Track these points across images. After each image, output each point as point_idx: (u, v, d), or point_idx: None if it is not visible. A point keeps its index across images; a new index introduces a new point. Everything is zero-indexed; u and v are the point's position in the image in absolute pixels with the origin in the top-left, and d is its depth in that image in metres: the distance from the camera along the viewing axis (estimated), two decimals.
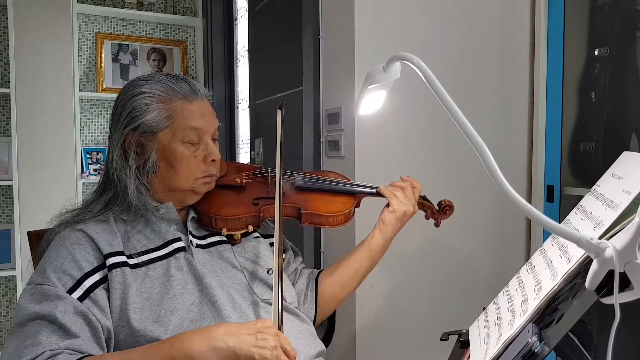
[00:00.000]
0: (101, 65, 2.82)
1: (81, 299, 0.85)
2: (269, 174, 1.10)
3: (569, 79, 1.57)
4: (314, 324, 1.08)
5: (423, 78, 0.63)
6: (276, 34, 2.16)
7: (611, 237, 0.65)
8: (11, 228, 2.63)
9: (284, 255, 0.98)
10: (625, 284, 0.54)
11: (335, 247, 1.57)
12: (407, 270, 1.52)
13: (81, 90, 2.75)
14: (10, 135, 2.52)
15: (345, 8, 1.46)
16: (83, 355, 0.79)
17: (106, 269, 0.89)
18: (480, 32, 1.60)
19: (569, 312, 0.65)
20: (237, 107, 2.80)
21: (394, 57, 0.70)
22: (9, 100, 2.51)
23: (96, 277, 0.88)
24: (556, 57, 1.58)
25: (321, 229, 1.60)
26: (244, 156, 2.74)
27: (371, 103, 0.88)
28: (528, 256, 1.62)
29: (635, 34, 1.41)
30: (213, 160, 0.99)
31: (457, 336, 0.93)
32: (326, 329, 1.14)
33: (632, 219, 0.53)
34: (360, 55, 1.43)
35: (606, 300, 0.56)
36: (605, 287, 0.56)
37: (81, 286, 0.86)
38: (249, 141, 2.53)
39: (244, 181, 1.07)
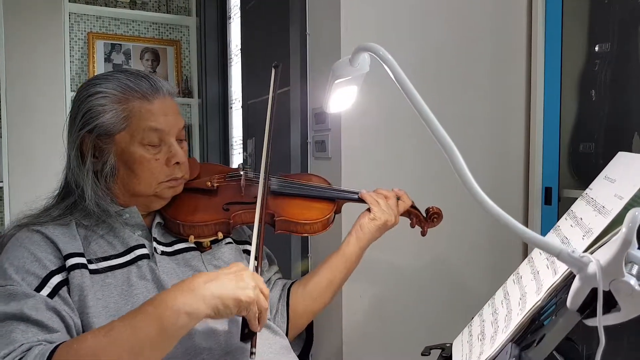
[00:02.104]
0: (93, 66, 2.78)
1: (50, 296, 0.79)
2: (242, 176, 1.03)
3: (567, 76, 1.50)
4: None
5: (388, 70, 0.57)
6: (265, 32, 2.10)
7: (600, 248, 0.58)
8: (2, 230, 2.59)
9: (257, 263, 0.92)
10: (611, 304, 0.47)
11: (323, 252, 1.50)
12: (396, 280, 1.45)
13: (73, 91, 2.71)
14: (1, 137, 2.49)
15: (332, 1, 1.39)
16: (61, 342, 0.73)
17: (66, 271, 0.83)
18: (473, 26, 1.53)
19: (552, 332, 0.58)
20: (231, 107, 2.75)
21: (359, 48, 0.63)
22: None
23: (60, 277, 0.82)
24: (554, 53, 1.51)
25: None
26: (237, 157, 2.69)
27: (341, 99, 0.81)
28: None
29: (638, 29, 1.34)
30: (178, 163, 0.93)
31: (440, 350, 0.87)
32: (304, 342, 1.07)
33: (619, 230, 0.46)
34: (348, 52, 1.36)
35: (590, 322, 0.49)
36: (589, 306, 0.49)
37: (48, 284, 0.80)
38: (242, 142, 2.48)
39: (215, 184, 1.01)
